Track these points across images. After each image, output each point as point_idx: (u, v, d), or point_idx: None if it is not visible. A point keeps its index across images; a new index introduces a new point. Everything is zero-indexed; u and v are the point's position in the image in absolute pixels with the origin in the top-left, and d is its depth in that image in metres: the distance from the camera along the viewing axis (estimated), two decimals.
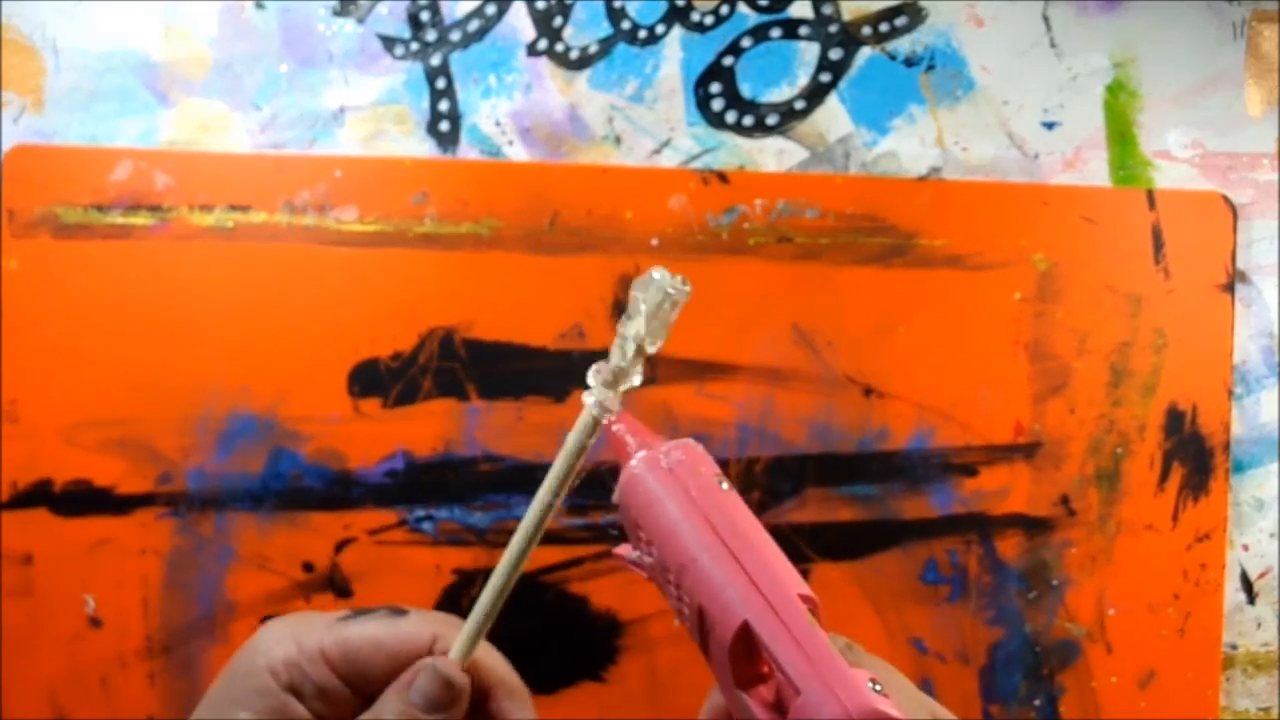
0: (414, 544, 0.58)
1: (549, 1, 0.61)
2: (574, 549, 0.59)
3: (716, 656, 0.28)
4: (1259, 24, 0.63)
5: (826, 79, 0.62)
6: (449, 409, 0.59)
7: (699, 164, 0.61)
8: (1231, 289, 0.62)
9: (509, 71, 0.61)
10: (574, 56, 0.61)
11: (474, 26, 0.61)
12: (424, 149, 0.61)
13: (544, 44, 0.61)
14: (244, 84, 0.60)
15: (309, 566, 0.58)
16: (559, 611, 0.59)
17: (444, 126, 0.61)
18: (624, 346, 0.30)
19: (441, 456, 0.59)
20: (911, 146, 0.62)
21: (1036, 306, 0.61)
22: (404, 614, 0.33)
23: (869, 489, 0.60)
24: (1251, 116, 0.63)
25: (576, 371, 0.59)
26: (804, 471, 0.60)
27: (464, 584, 0.59)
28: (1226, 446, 0.61)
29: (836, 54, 0.62)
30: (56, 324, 0.58)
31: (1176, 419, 0.61)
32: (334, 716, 0.32)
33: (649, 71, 0.62)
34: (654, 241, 0.60)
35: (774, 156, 0.62)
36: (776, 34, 0.62)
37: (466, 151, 0.61)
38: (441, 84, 0.61)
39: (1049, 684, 0.61)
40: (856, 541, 0.60)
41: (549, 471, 0.31)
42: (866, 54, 0.62)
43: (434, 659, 0.32)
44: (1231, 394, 0.62)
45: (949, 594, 0.60)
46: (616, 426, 0.31)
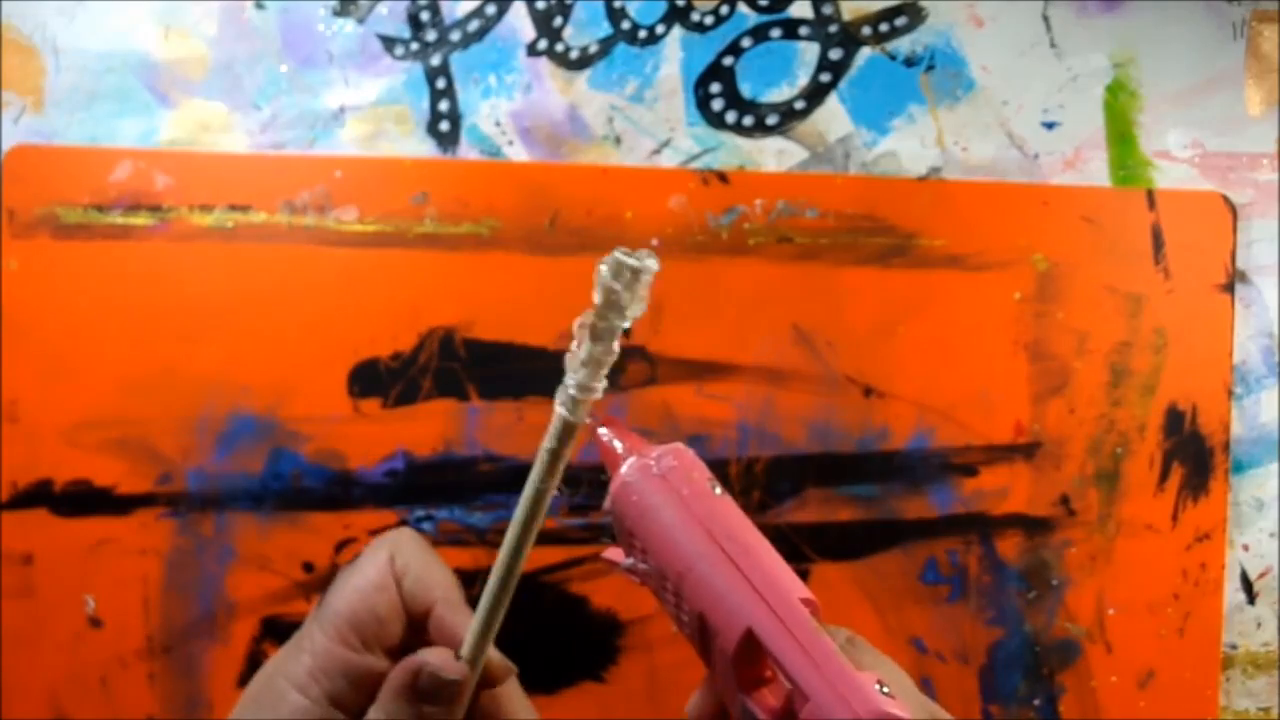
0: None
1: (549, 1, 0.61)
2: (574, 549, 0.59)
3: (720, 664, 0.27)
4: (1259, 24, 0.63)
5: (826, 79, 0.62)
6: (449, 409, 0.59)
7: (699, 164, 0.61)
8: (1231, 289, 0.62)
9: (509, 71, 0.61)
10: (574, 56, 0.61)
11: (474, 26, 0.61)
12: (424, 149, 0.61)
13: (544, 44, 0.61)
14: (244, 84, 0.60)
15: (309, 566, 0.58)
16: (559, 611, 0.59)
17: (444, 126, 0.61)
18: (610, 333, 0.30)
19: (441, 457, 0.59)
20: (911, 146, 0.62)
21: (1036, 306, 0.61)
22: (358, 557, 0.33)
23: (869, 489, 0.60)
24: (1251, 116, 0.63)
25: None
26: (804, 471, 0.60)
27: (464, 584, 0.59)
28: (1226, 446, 0.61)
29: (836, 54, 0.62)
30: (56, 324, 0.58)
31: (1176, 419, 0.61)
32: (371, 692, 0.32)
33: (649, 71, 0.62)
34: (654, 241, 0.60)
35: (774, 156, 0.62)
36: (776, 34, 0.62)
37: (466, 151, 0.61)
38: (441, 84, 0.61)
39: (1049, 684, 0.61)
40: (856, 541, 0.60)
41: (525, 485, 0.31)
42: (866, 54, 0.62)
43: (427, 655, 0.32)
44: (1231, 394, 0.62)
45: (949, 594, 0.60)
46: (603, 432, 0.31)
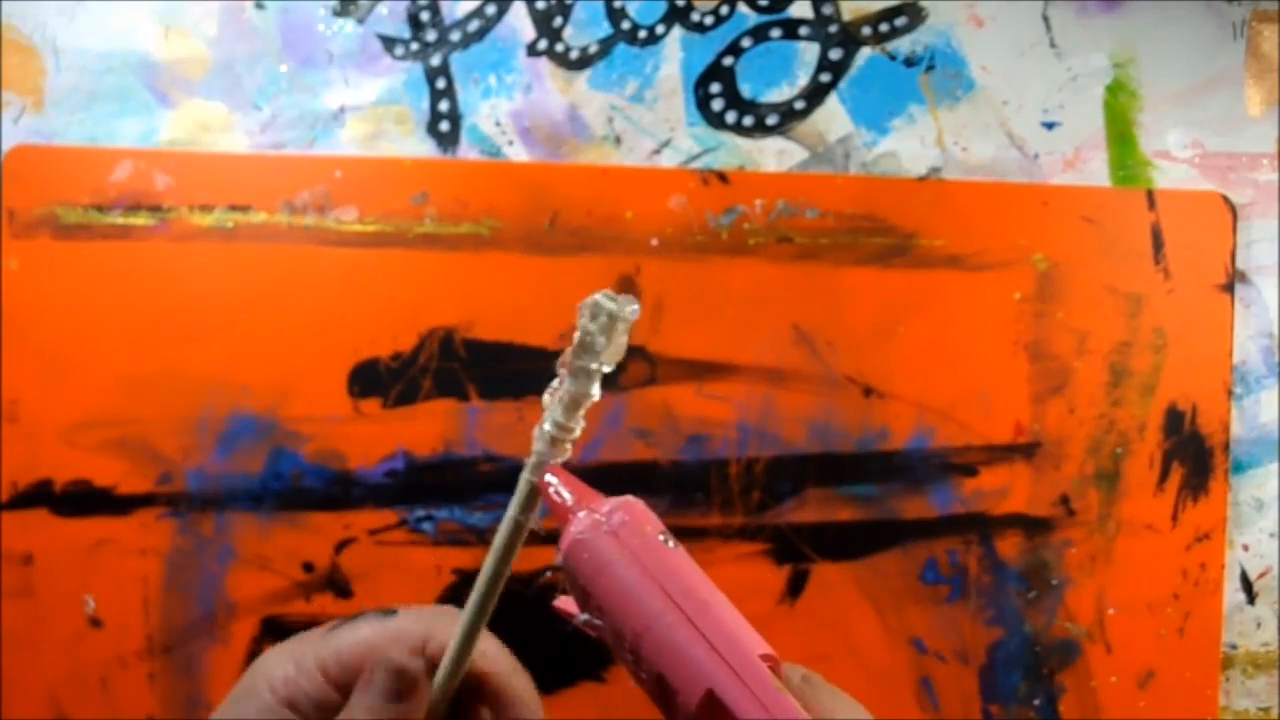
0: (414, 544, 0.58)
1: (549, 1, 0.61)
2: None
3: None
4: (1259, 24, 0.63)
5: (826, 79, 0.62)
6: (449, 409, 0.59)
7: (699, 164, 0.61)
8: (1231, 289, 0.62)
9: (509, 71, 0.61)
10: (574, 56, 0.61)
11: (474, 26, 0.61)
12: (424, 149, 0.61)
13: (544, 44, 0.61)
14: (244, 84, 0.60)
15: (309, 566, 0.58)
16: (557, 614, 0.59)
17: (444, 126, 0.61)
18: (587, 377, 0.29)
19: (441, 456, 0.59)
20: (911, 146, 0.62)
21: (1036, 306, 0.61)
22: (392, 614, 0.33)
23: (869, 489, 0.60)
24: (1251, 116, 0.63)
25: None
26: (804, 471, 0.60)
27: (464, 584, 0.59)
28: (1226, 446, 0.61)
29: (836, 54, 0.62)
30: (56, 324, 0.58)
31: (1176, 419, 0.61)
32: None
33: (649, 71, 0.62)
34: (654, 241, 0.60)
35: (774, 156, 0.62)
36: (776, 34, 0.62)
37: (466, 151, 0.61)
38: (441, 84, 0.61)
39: (1048, 684, 0.61)
40: (856, 541, 0.60)
41: (493, 543, 0.31)
42: (866, 54, 0.62)
43: (390, 650, 0.32)
44: (1231, 394, 0.62)
45: (949, 594, 0.60)
46: (550, 480, 0.30)
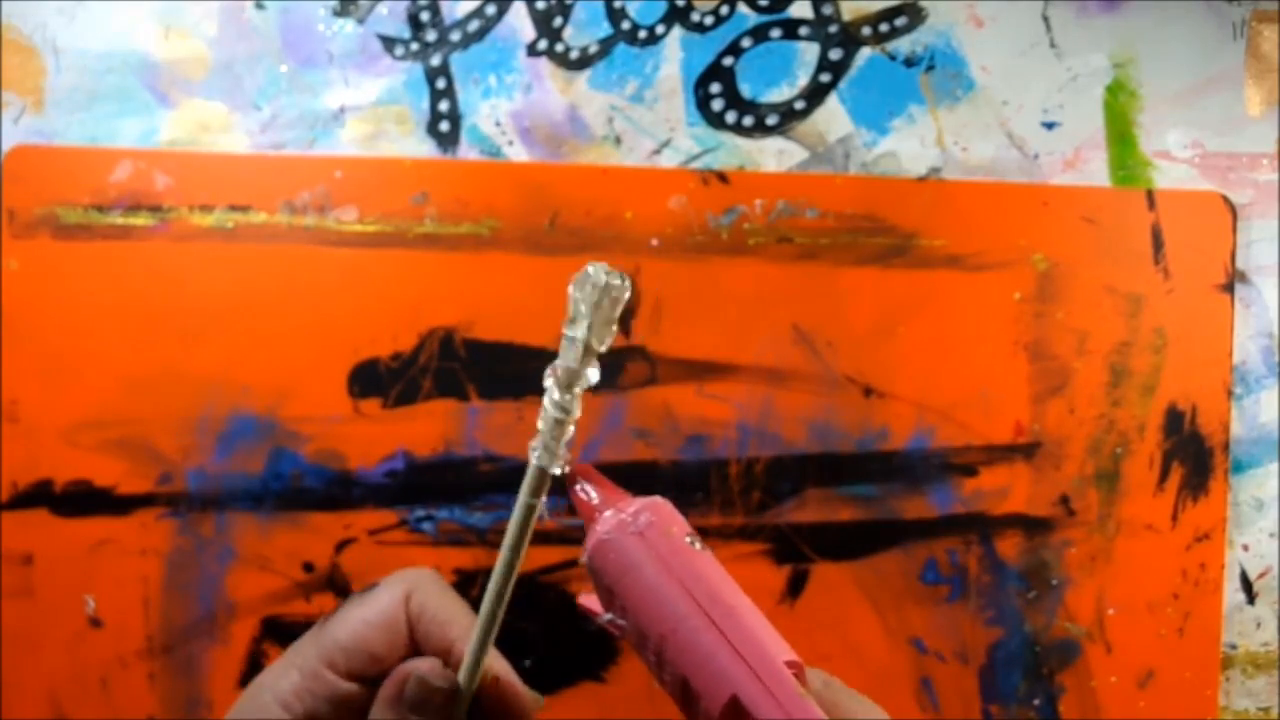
0: (414, 544, 0.58)
1: (549, 1, 0.61)
2: (574, 549, 0.59)
3: None
4: (1259, 24, 0.63)
5: (826, 79, 0.62)
6: (449, 409, 0.59)
7: (699, 164, 0.61)
8: (1231, 289, 0.62)
9: (509, 72, 0.61)
10: (574, 57, 0.61)
11: (474, 27, 0.61)
12: (424, 149, 0.61)
13: (544, 44, 0.61)
14: (244, 84, 0.60)
15: (309, 567, 0.58)
16: (559, 611, 0.59)
17: (444, 127, 0.61)
18: (573, 348, 0.29)
19: (442, 457, 0.59)
20: (911, 146, 0.62)
21: (1036, 306, 0.61)
22: (373, 588, 0.33)
23: (869, 489, 0.60)
24: (1251, 116, 0.63)
25: None
26: (804, 471, 0.60)
27: (464, 584, 0.59)
28: (1226, 446, 0.61)
29: (836, 54, 0.62)
30: (56, 324, 0.58)
31: (1176, 419, 0.61)
32: (358, 716, 0.32)
33: (649, 71, 0.62)
34: (654, 241, 0.60)
35: (774, 156, 0.62)
36: (776, 34, 0.62)
37: (466, 152, 0.61)
38: (441, 84, 0.61)
39: (1048, 684, 0.61)
40: (856, 541, 0.60)
41: (507, 531, 0.30)
42: (866, 54, 0.62)
43: (417, 664, 0.31)
44: (1231, 394, 0.62)
45: (949, 594, 0.60)
46: (579, 485, 0.30)
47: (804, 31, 0.62)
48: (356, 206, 0.59)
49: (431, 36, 0.61)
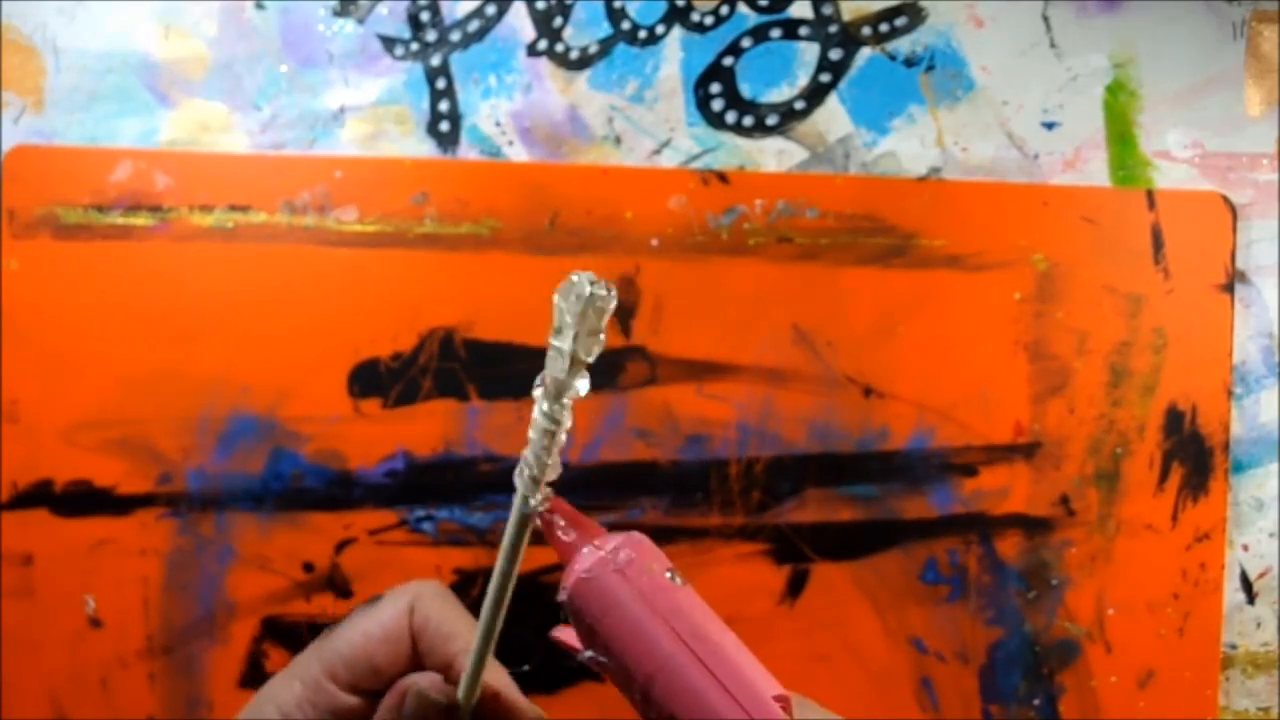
0: (414, 544, 0.58)
1: (549, 1, 0.61)
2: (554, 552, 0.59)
3: None
4: (1259, 24, 0.63)
5: (826, 79, 0.62)
6: (449, 409, 0.59)
7: (699, 164, 0.61)
8: (1231, 289, 0.62)
9: (509, 72, 0.61)
10: (574, 57, 0.61)
11: (474, 27, 0.61)
12: (424, 149, 0.61)
13: (544, 44, 0.61)
14: (244, 84, 0.60)
15: (309, 567, 0.58)
16: (559, 611, 0.59)
17: (444, 127, 0.61)
18: (560, 359, 0.28)
19: (442, 457, 0.59)
20: (911, 146, 0.62)
21: (1036, 306, 0.61)
22: (378, 600, 0.33)
23: (869, 489, 0.60)
24: (1251, 116, 0.63)
25: None
26: (804, 471, 0.60)
27: (464, 584, 0.59)
28: (1226, 446, 0.61)
29: (836, 54, 0.62)
30: (56, 324, 0.58)
31: (1176, 419, 0.61)
32: None
33: (649, 71, 0.62)
34: (654, 242, 0.60)
35: (774, 157, 0.62)
36: (776, 34, 0.62)
37: (466, 152, 0.61)
38: (441, 84, 0.61)
39: (1048, 684, 0.61)
40: (856, 541, 0.60)
41: (494, 569, 0.30)
42: (866, 54, 0.62)
43: (416, 678, 0.31)
44: (1231, 394, 0.62)
45: (949, 594, 0.60)
46: (554, 521, 0.30)
47: (804, 31, 0.62)
48: (356, 206, 0.59)
49: (431, 36, 0.61)
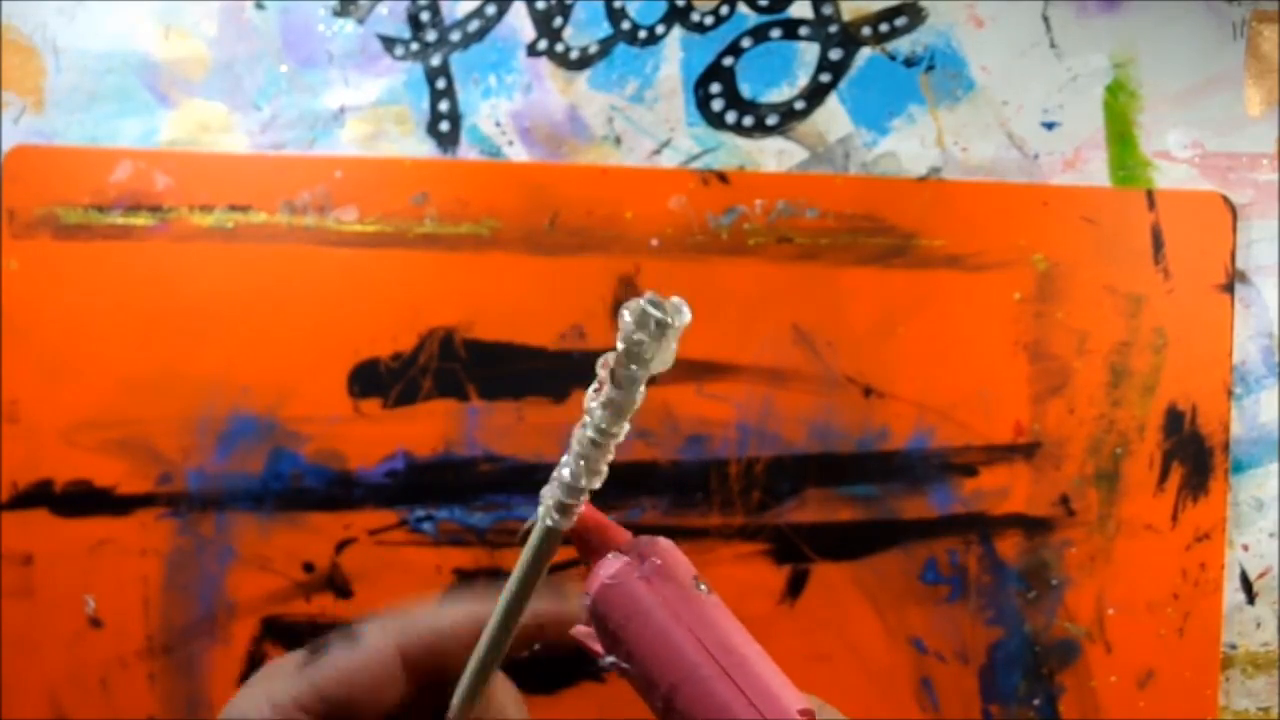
0: (414, 544, 0.58)
1: (549, 2, 0.61)
2: (574, 549, 0.59)
3: None
4: (1259, 24, 0.63)
5: (826, 79, 0.62)
6: (449, 409, 0.59)
7: (699, 164, 0.61)
8: (1231, 289, 0.62)
9: (509, 72, 0.61)
10: (574, 57, 0.61)
11: (474, 27, 0.61)
12: (424, 149, 0.61)
13: (544, 44, 0.61)
14: (244, 84, 0.60)
15: (309, 567, 0.58)
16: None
17: (444, 127, 0.61)
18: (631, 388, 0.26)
19: (442, 457, 0.59)
20: (911, 147, 0.62)
21: (1036, 306, 0.61)
22: (359, 634, 0.32)
23: (869, 489, 0.60)
24: (1251, 116, 0.63)
25: (577, 371, 0.59)
26: (804, 471, 0.60)
27: (465, 584, 0.59)
28: (1226, 446, 0.61)
29: (836, 54, 0.62)
30: (56, 324, 0.58)
31: (1176, 419, 0.61)
32: None
33: (649, 72, 0.62)
34: (654, 242, 0.60)
35: (774, 157, 0.62)
36: (776, 34, 0.62)
37: (466, 152, 0.61)
38: (441, 84, 0.61)
39: (1048, 684, 0.61)
40: (856, 541, 0.60)
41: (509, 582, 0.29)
42: (866, 54, 0.62)
43: None
44: (1231, 394, 0.62)
45: (949, 594, 0.60)
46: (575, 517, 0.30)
47: (804, 31, 0.62)
48: (356, 206, 0.59)
49: (431, 36, 0.61)
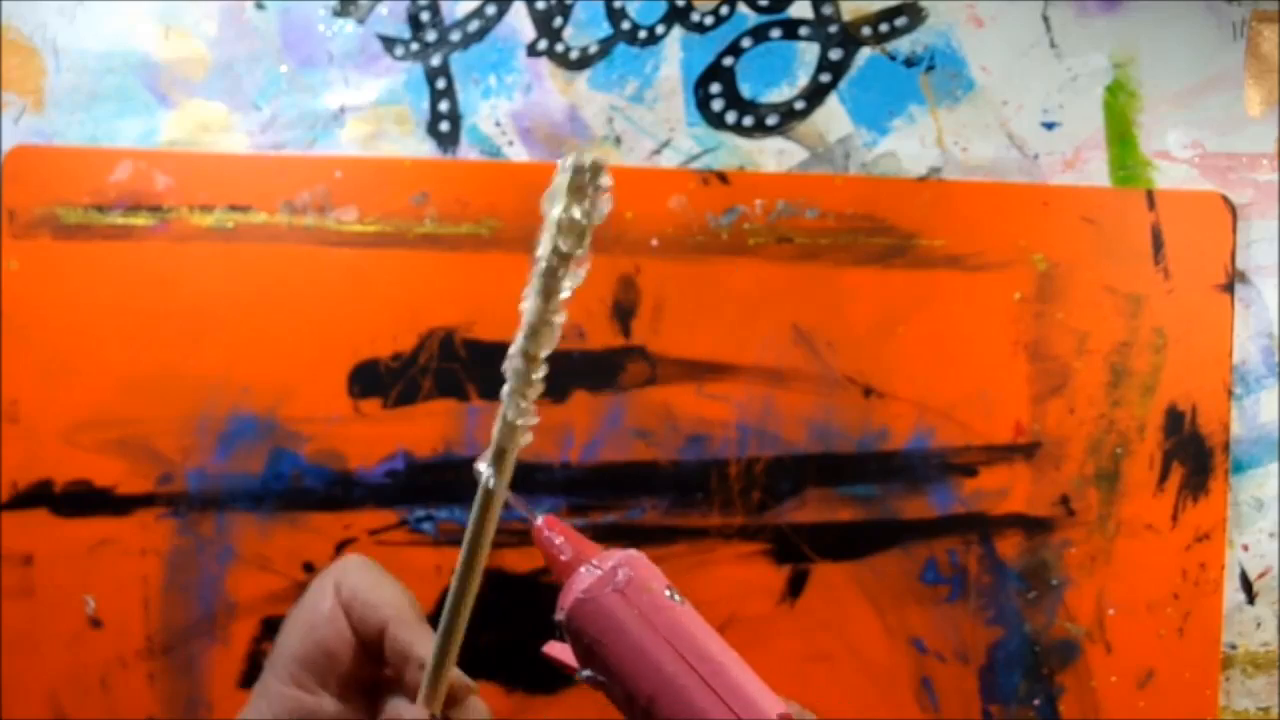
0: (414, 544, 0.58)
1: (549, 2, 0.61)
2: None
3: None
4: (1259, 24, 0.63)
5: (826, 79, 0.62)
6: (449, 409, 0.59)
7: (699, 164, 0.61)
8: (1231, 289, 0.62)
9: (509, 72, 0.61)
10: (574, 57, 0.61)
11: (474, 27, 0.61)
12: (424, 149, 0.61)
13: (544, 44, 0.61)
14: (244, 84, 0.60)
15: (309, 567, 0.58)
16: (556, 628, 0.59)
17: (444, 127, 0.61)
18: (552, 238, 0.26)
19: (442, 457, 0.59)
20: (911, 146, 0.62)
21: (1036, 306, 0.61)
22: (302, 595, 0.34)
23: (869, 489, 0.60)
24: (1251, 116, 0.63)
25: (577, 371, 0.59)
26: (804, 471, 0.60)
27: None
28: (1226, 446, 0.61)
29: (836, 54, 0.62)
30: (56, 324, 0.58)
31: (1176, 419, 0.61)
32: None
33: (649, 72, 0.62)
34: (654, 242, 0.60)
35: (774, 157, 0.62)
36: (776, 34, 0.62)
37: (466, 152, 0.61)
38: (441, 84, 0.61)
39: (1048, 683, 0.61)
40: (856, 541, 0.60)
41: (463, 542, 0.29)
42: (866, 54, 0.62)
43: (400, 711, 0.32)
44: (1231, 394, 0.62)
45: (949, 594, 0.60)
46: (547, 535, 0.29)
47: (804, 31, 0.62)
48: (356, 206, 0.59)
49: (431, 36, 0.61)
